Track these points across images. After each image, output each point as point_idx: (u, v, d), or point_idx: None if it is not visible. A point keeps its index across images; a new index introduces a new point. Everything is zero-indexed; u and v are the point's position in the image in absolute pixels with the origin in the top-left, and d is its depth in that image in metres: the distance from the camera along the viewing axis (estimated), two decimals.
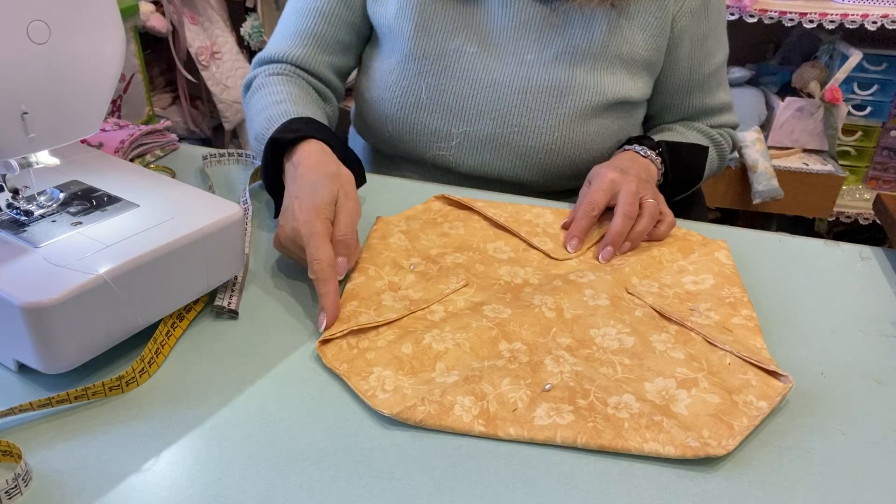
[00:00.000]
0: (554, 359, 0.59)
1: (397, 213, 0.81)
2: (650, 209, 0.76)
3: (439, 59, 0.89)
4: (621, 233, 0.75)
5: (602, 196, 0.77)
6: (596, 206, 0.77)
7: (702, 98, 0.96)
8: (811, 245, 0.82)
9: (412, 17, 0.88)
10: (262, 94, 0.85)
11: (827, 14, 1.69)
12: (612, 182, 0.78)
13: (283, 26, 0.94)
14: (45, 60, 0.54)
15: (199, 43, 1.90)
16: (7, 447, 0.49)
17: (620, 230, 0.75)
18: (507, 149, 0.91)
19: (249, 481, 0.49)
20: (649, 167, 0.86)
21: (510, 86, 0.89)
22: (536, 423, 0.53)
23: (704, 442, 0.52)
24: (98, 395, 0.54)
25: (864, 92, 1.85)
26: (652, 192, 0.79)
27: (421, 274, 0.70)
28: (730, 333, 0.64)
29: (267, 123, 0.79)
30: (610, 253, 0.74)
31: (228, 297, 0.65)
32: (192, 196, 0.65)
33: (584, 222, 0.77)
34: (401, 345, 0.60)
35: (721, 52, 0.95)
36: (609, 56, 0.88)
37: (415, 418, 0.53)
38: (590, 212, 0.77)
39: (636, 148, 0.88)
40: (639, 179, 0.79)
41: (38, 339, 0.51)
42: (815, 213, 1.91)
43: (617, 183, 0.78)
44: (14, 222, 0.59)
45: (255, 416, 0.54)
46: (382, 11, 0.90)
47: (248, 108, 0.88)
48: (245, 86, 0.92)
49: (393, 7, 0.89)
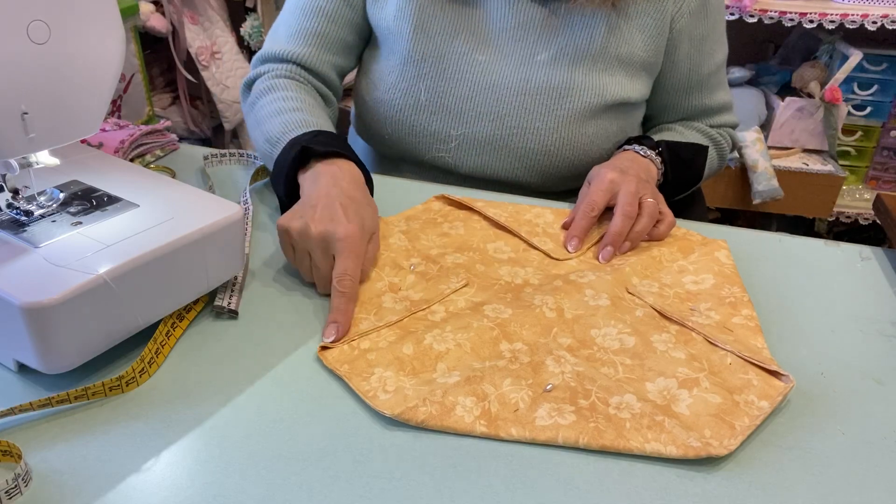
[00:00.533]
0: (555, 359, 0.59)
1: (397, 214, 0.81)
2: (649, 209, 0.76)
3: (438, 62, 0.89)
4: (621, 233, 0.75)
5: (601, 196, 0.78)
6: (595, 206, 0.77)
7: (701, 98, 0.96)
8: (811, 245, 0.82)
9: (411, 19, 0.88)
10: (274, 98, 0.84)
11: (827, 14, 1.69)
12: (611, 182, 0.78)
13: (285, 24, 0.92)
14: (45, 60, 0.54)
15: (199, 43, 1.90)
16: (7, 447, 0.49)
17: (620, 230, 0.75)
18: (506, 150, 0.91)
19: (249, 481, 0.49)
20: (649, 167, 0.86)
21: (509, 87, 0.89)
22: (538, 424, 0.53)
23: (706, 442, 0.52)
24: (98, 395, 0.54)
25: (864, 92, 1.85)
26: (651, 192, 0.79)
27: (421, 274, 0.70)
28: (730, 333, 0.64)
29: (283, 128, 0.78)
30: (610, 253, 0.74)
31: (228, 297, 0.65)
32: (192, 196, 0.65)
33: (584, 222, 0.77)
34: (402, 345, 0.60)
35: (720, 53, 0.95)
36: (608, 57, 0.88)
37: (416, 419, 0.53)
38: (589, 212, 0.77)
39: (636, 148, 0.88)
40: (638, 179, 0.79)
41: (38, 339, 0.51)
42: (815, 213, 1.91)
43: (616, 183, 0.78)
44: (14, 222, 0.59)
45: (255, 416, 0.54)
46: (381, 14, 0.90)
47: (254, 109, 0.86)
48: (246, 84, 0.91)
49: (392, 9, 0.89)
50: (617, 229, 0.75)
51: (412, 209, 0.82)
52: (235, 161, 0.92)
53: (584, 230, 0.77)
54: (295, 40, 0.90)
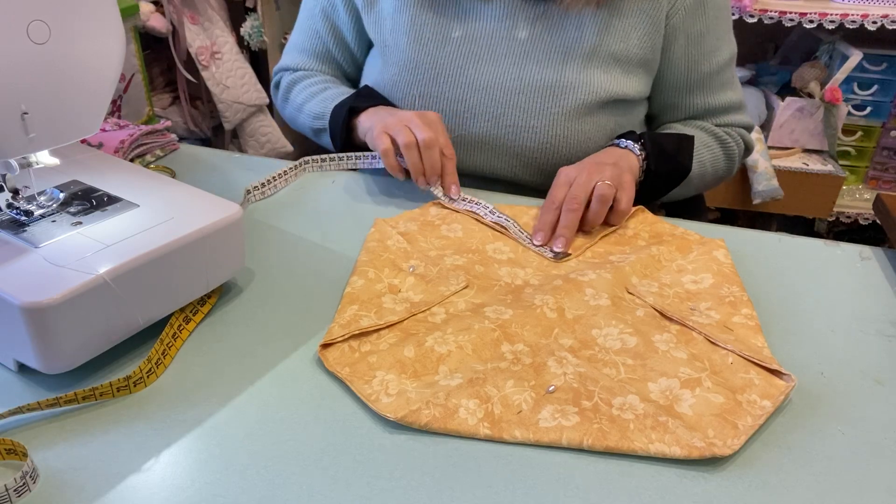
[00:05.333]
0: (557, 360, 0.59)
1: (395, 216, 0.81)
2: (600, 191, 0.77)
3: (432, 67, 0.91)
4: (566, 225, 0.76)
5: (559, 190, 0.79)
6: (555, 201, 0.79)
7: (704, 98, 0.96)
8: (811, 245, 0.82)
9: (406, 31, 0.91)
10: (302, 87, 1.01)
11: (827, 14, 1.69)
12: (566, 175, 0.80)
13: (295, 44, 1.04)
14: (45, 60, 0.54)
15: (199, 43, 1.90)
16: (11, 445, 0.49)
17: (565, 223, 0.76)
18: (503, 149, 0.92)
19: (249, 481, 0.49)
20: (626, 156, 0.85)
21: (503, 87, 0.89)
22: (542, 426, 0.53)
23: (710, 442, 0.52)
24: (106, 395, 0.54)
25: (864, 92, 1.85)
26: (611, 176, 0.79)
27: (420, 276, 0.70)
28: (731, 332, 0.64)
29: (323, 103, 0.96)
30: (562, 243, 0.76)
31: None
32: (192, 196, 0.65)
33: (547, 216, 0.78)
34: (403, 348, 0.60)
35: (725, 51, 0.94)
36: (602, 54, 0.88)
37: (419, 422, 0.53)
38: (550, 206, 0.79)
39: (616, 141, 0.88)
40: (595, 166, 0.80)
41: (38, 339, 0.51)
42: (815, 213, 1.91)
43: (571, 175, 0.80)
44: (14, 222, 0.59)
45: (255, 416, 0.54)
46: (377, 28, 0.94)
47: (290, 102, 1.03)
48: (274, 85, 1.08)
49: (387, 24, 0.93)
50: (563, 222, 0.77)
51: (410, 212, 0.82)
52: (312, 169, 0.93)
53: (548, 224, 0.78)
54: (305, 57, 1.03)
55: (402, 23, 0.91)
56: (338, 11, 0.98)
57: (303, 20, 1.03)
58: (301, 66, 1.03)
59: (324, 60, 1.03)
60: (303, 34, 1.03)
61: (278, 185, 0.87)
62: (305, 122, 1.00)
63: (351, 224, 0.80)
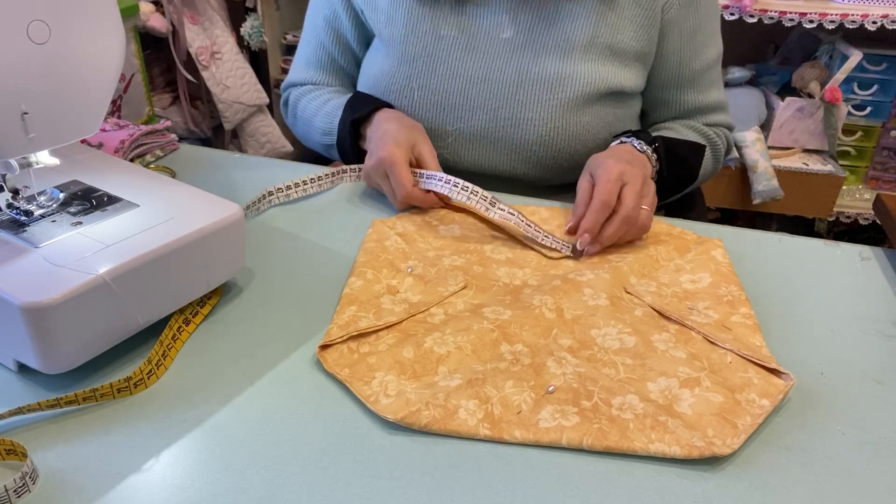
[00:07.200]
0: (556, 360, 0.59)
1: (392, 217, 0.81)
2: (642, 220, 0.75)
3: (429, 60, 0.91)
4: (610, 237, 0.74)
5: (613, 186, 0.75)
6: (608, 204, 0.75)
7: (695, 95, 0.96)
8: (811, 245, 0.82)
9: (402, 23, 0.91)
10: (306, 101, 1.02)
11: (827, 14, 1.69)
12: (620, 174, 0.76)
13: (302, 57, 1.05)
14: (45, 60, 0.54)
15: (199, 43, 1.90)
16: (11, 446, 0.49)
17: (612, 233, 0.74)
18: (502, 143, 0.92)
19: (249, 481, 0.49)
20: (646, 163, 0.86)
21: (500, 80, 0.89)
22: (542, 426, 0.53)
23: (710, 441, 0.52)
24: (107, 396, 0.54)
25: (864, 92, 1.85)
26: (651, 200, 0.77)
27: (419, 276, 0.70)
28: (729, 332, 0.64)
29: (328, 118, 0.96)
30: (587, 241, 0.74)
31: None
32: (192, 196, 0.65)
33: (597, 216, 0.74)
34: (402, 348, 0.60)
35: (713, 49, 0.95)
36: (599, 47, 0.88)
37: (419, 423, 0.53)
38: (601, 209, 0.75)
39: (633, 142, 0.87)
40: (645, 178, 0.78)
41: (38, 339, 0.51)
42: (815, 213, 1.91)
43: (625, 175, 0.76)
44: (14, 222, 0.59)
45: (255, 417, 0.54)
46: (374, 20, 0.94)
47: (298, 119, 1.05)
48: (283, 103, 1.09)
49: (383, 16, 0.93)
50: (608, 232, 0.74)
51: (408, 213, 0.82)
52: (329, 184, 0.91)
53: (597, 224, 0.74)
54: (311, 69, 1.04)
55: (400, 16, 0.91)
56: (340, 19, 0.98)
57: (306, 34, 1.04)
58: (307, 80, 1.04)
59: (330, 71, 1.03)
60: (307, 47, 1.04)
61: (309, 188, 0.86)
62: (315, 138, 1.01)
63: (351, 224, 0.80)
